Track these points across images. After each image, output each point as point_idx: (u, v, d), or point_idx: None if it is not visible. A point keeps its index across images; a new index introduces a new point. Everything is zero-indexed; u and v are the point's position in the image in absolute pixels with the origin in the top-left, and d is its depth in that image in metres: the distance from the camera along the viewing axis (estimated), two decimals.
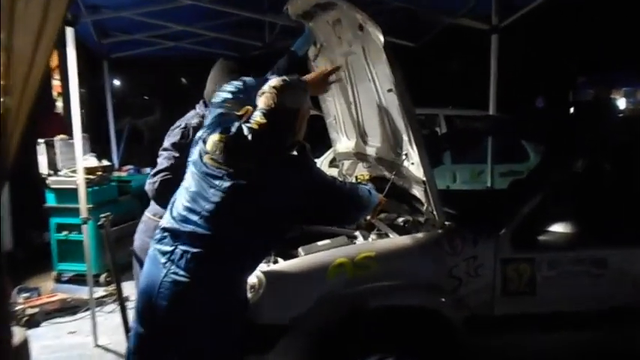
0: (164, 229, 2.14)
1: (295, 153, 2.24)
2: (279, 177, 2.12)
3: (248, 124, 2.17)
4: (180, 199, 2.15)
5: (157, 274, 2.07)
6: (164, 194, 2.51)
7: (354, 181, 4.00)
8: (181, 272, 2.03)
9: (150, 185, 2.74)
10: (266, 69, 3.00)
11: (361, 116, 3.42)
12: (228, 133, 2.15)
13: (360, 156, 3.64)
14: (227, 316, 2.11)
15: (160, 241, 2.13)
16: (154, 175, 2.75)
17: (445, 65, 13.86)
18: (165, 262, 2.06)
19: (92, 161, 5.47)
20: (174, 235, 2.09)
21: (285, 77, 2.34)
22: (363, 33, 2.70)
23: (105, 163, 5.66)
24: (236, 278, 2.16)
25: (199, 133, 2.24)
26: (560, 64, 13.79)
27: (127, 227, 4.62)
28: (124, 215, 5.09)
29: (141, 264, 2.55)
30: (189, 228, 2.08)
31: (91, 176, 5.19)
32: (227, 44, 7.10)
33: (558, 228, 2.85)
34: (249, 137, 2.13)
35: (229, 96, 2.36)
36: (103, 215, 3.40)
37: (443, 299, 2.63)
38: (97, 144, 6.80)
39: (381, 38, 2.51)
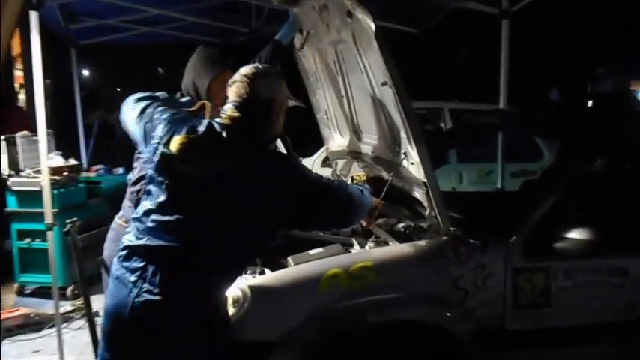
0: (129, 247, 2.11)
1: (276, 149, 2.23)
2: (259, 178, 2.09)
3: (219, 120, 2.15)
4: (145, 211, 2.11)
5: (125, 294, 2.04)
6: None
7: (349, 182, 4.01)
8: (155, 290, 2.01)
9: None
10: (250, 57, 3.00)
11: (354, 111, 3.43)
12: (195, 132, 2.10)
13: (354, 155, 3.65)
14: (208, 335, 2.09)
15: (126, 259, 2.10)
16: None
17: (451, 54, 13.89)
18: (136, 281, 2.04)
19: (58, 160, 5.43)
20: (143, 251, 2.07)
21: (257, 64, 2.31)
22: (352, 20, 2.70)
23: (72, 162, 5.63)
24: (216, 292, 2.14)
25: (155, 140, 2.17)
26: (577, 53, 13.85)
27: (97, 234, 4.59)
28: (93, 221, 5.07)
29: None
30: (159, 242, 2.05)
31: (57, 177, 5.16)
32: (208, 30, 7.09)
33: (575, 234, 2.89)
34: (224, 134, 2.10)
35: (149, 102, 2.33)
36: (69, 221, 3.38)
37: (448, 313, 2.64)
38: (64, 141, 6.77)
39: (372, 26, 2.50)
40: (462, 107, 7.37)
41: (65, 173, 5.36)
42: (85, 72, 15.91)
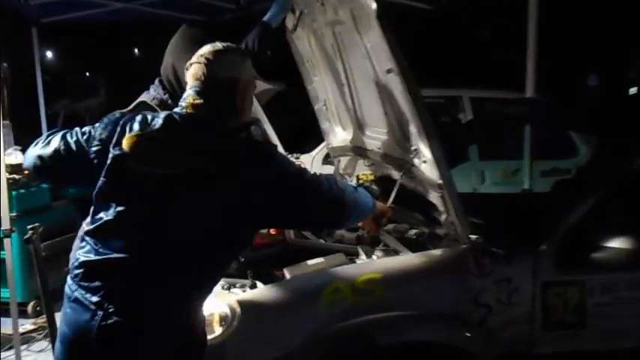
0: (86, 264, 2.09)
1: (249, 137, 2.23)
2: (232, 171, 2.06)
3: (178, 110, 2.15)
4: (103, 222, 2.09)
5: (87, 318, 2.02)
6: None
7: (354, 182, 4.02)
8: (123, 310, 2.01)
9: None
10: (239, 37, 2.99)
11: (357, 101, 3.44)
12: (150, 126, 2.09)
13: (359, 151, 3.66)
14: (185, 356, 2.10)
15: (84, 278, 2.08)
16: None
17: (471, 34, 13.88)
18: (100, 301, 2.02)
19: (17, 157, 5.43)
20: (105, 266, 2.06)
21: (216, 42, 2.27)
22: None
23: None
24: (191, 306, 2.13)
25: (95, 143, 2.15)
26: (619, 32, 13.83)
27: (62, 242, 4.59)
28: (58, 226, 5.06)
29: None
30: (121, 255, 2.04)
31: (16, 176, 5.15)
32: (191, 6, 7.09)
33: (615, 242, 2.87)
34: (187, 125, 2.10)
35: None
36: (31, 226, 3.38)
37: (468, 334, 2.64)
38: (24, 134, 6.76)
39: (373, 5, 2.50)
40: (485, 95, 7.35)
41: (26, 172, 5.35)
42: (49, 54, 15.96)
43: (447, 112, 7.04)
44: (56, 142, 2.23)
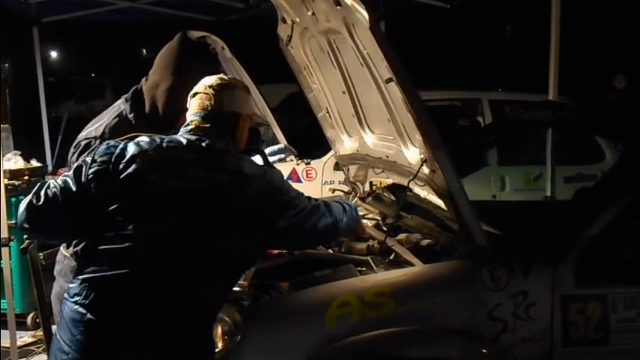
0: (97, 283, 2.16)
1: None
2: (240, 186, 2.23)
3: (187, 132, 2.31)
4: (115, 239, 2.18)
5: (111, 339, 2.12)
6: None
7: (367, 188, 4.02)
8: (139, 326, 2.13)
9: None
10: (248, 37, 2.98)
11: (361, 109, 3.45)
12: (163, 145, 2.25)
13: (367, 159, 3.67)
14: None
15: (96, 298, 2.14)
16: None
17: (490, 33, 13.83)
18: (120, 317, 2.12)
19: (17, 162, 5.46)
20: (122, 284, 2.15)
21: (222, 75, 2.49)
22: (341, 7, 2.69)
23: (35, 164, 5.65)
24: (205, 319, 2.26)
25: (93, 166, 2.22)
26: None
27: None
28: None
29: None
30: (134, 270, 2.16)
31: (15, 182, 5.18)
32: (199, 5, 7.12)
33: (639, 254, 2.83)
34: (203, 144, 2.26)
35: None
36: (26, 235, 3.38)
37: (484, 350, 2.62)
38: (25, 138, 6.82)
39: (366, 15, 2.50)
40: (505, 98, 7.31)
41: (26, 177, 5.38)
42: (54, 54, 16.04)
43: (466, 115, 7.00)
44: (43, 190, 2.24)
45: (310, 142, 6.13)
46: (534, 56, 5.96)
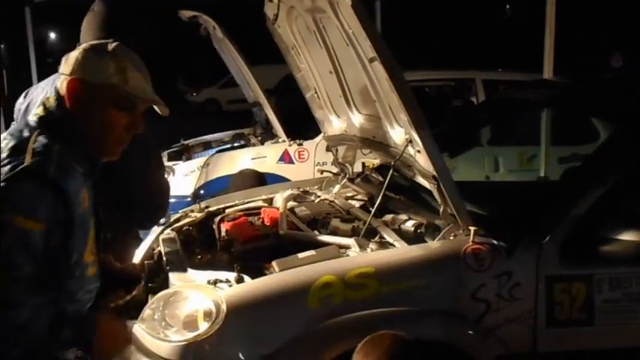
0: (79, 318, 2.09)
1: None
2: None
3: None
4: (76, 269, 2.10)
5: None
6: None
7: (360, 169, 4.00)
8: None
9: None
10: (245, 18, 2.95)
11: (348, 89, 3.45)
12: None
13: (355, 139, 3.67)
14: None
15: (78, 333, 1.99)
16: None
17: (485, 12, 13.73)
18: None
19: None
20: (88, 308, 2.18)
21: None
22: None
23: None
24: None
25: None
26: None
27: None
28: None
29: None
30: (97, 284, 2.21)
31: None
32: None
33: (626, 234, 2.81)
34: None
35: None
36: None
37: (469, 331, 2.62)
38: None
39: None
40: (498, 78, 7.27)
41: None
42: (52, 36, 15.91)
43: (459, 95, 6.98)
44: None
45: (308, 123, 6.11)
46: (529, 35, 5.91)
